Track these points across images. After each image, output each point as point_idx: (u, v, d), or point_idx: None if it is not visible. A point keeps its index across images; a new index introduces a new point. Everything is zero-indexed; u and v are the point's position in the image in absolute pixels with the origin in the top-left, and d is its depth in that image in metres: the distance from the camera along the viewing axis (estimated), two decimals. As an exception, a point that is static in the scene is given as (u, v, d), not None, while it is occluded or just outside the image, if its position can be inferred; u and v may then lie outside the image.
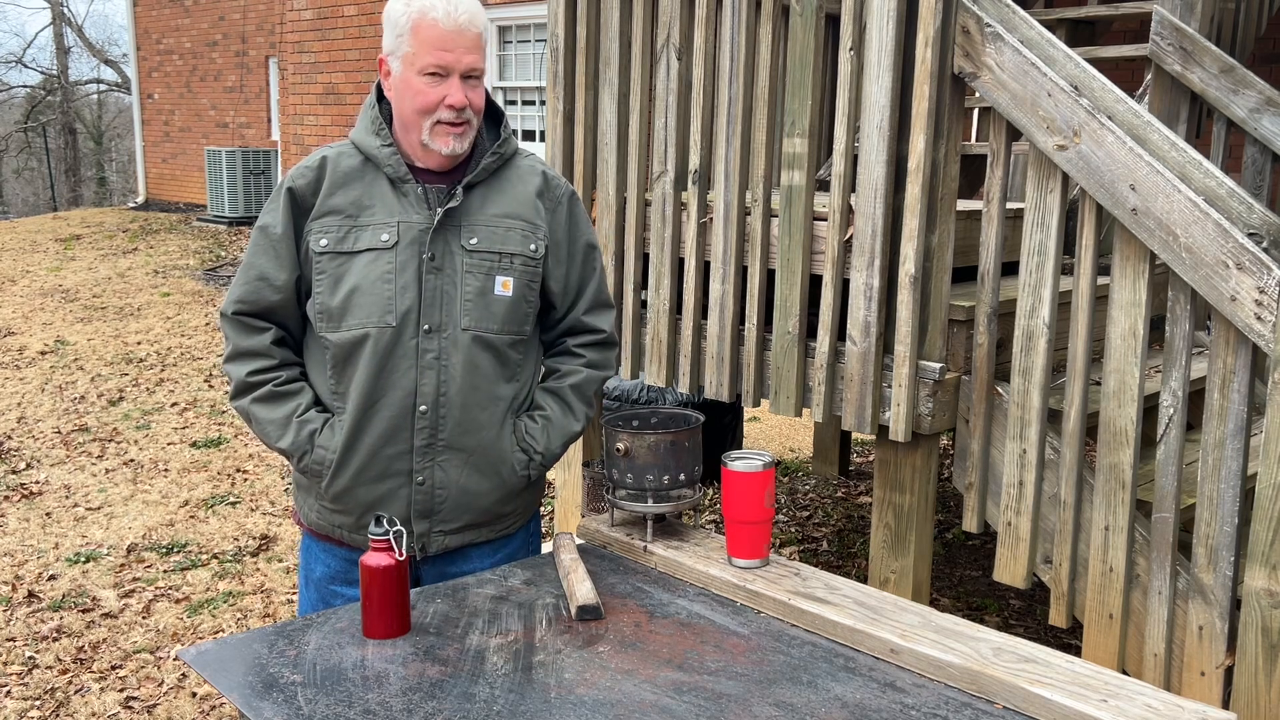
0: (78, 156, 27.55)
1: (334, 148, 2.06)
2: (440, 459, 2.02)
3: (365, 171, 2.02)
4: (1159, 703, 1.57)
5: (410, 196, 2.01)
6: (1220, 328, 2.33)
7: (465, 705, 1.57)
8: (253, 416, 2.03)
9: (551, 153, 3.67)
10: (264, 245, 2.02)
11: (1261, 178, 3.38)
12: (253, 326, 2.03)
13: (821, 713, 1.57)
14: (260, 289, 2.02)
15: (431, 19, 1.91)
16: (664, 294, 3.39)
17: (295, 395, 2.03)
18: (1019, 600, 4.20)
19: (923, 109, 2.72)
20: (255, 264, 2.02)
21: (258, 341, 2.03)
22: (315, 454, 2.01)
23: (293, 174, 2.03)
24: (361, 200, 2.00)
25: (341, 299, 1.98)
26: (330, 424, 2.02)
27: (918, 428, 2.87)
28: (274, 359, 2.03)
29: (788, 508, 5.23)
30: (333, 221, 2.00)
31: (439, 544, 2.07)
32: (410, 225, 1.99)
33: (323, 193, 2.00)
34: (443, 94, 1.93)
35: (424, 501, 2.04)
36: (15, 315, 9.22)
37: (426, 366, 1.99)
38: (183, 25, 15.80)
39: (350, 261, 1.98)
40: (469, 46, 1.94)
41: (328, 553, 2.13)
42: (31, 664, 3.66)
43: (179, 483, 5.46)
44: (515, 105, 9.97)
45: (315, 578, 2.15)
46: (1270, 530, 2.25)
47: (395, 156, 2.00)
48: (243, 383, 2.03)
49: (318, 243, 1.99)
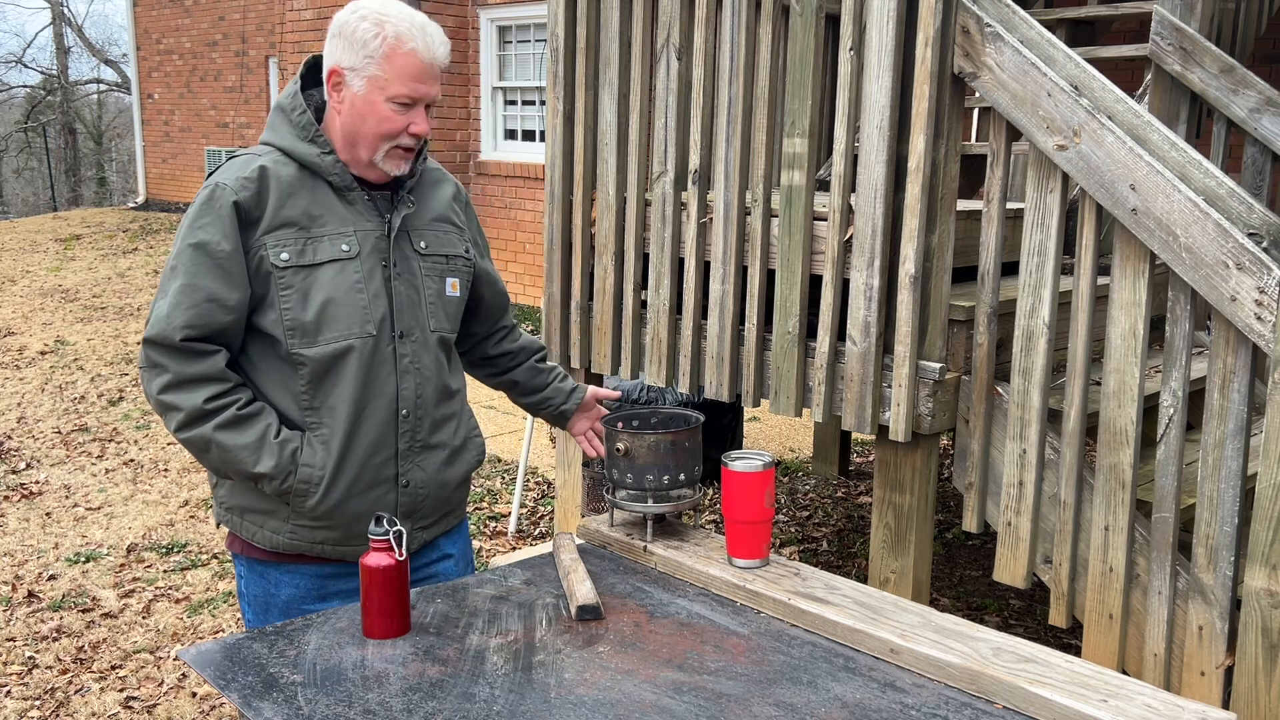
0: (78, 156, 27.55)
1: (265, 155, 1.95)
2: (419, 459, 2.05)
3: (304, 180, 1.95)
4: (1159, 703, 1.57)
5: (358, 204, 1.98)
6: (1220, 328, 2.33)
7: (465, 705, 1.57)
8: (216, 444, 1.88)
9: (551, 153, 3.67)
10: (206, 264, 1.88)
11: (1261, 178, 3.38)
12: (201, 351, 1.89)
13: (821, 713, 1.57)
14: (211, 311, 1.88)
15: (409, 49, 1.89)
16: (664, 294, 3.39)
17: (260, 416, 1.92)
18: (1019, 600, 4.20)
19: (923, 109, 2.72)
20: (200, 285, 1.87)
21: (209, 366, 1.89)
22: (301, 473, 1.93)
23: (231, 186, 1.89)
24: (310, 210, 1.94)
25: (315, 312, 1.92)
26: (308, 441, 1.95)
27: (918, 428, 2.87)
28: (229, 382, 1.91)
29: (788, 508, 5.23)
30: (288, 234, 1.92)
31: (418, 540, 2.09)
32: (367, 234, 1.98)
33: (271, 205, 1.91)
34: (408, 122, 1.93)
35: (408, 503, 2.05)
36: (15, 315, 9.22)
37: (404, 371, 2.00)
38: (183, 25, 15.80)
39: (314, 274, 1.92)
40: (436, 78, 1.96)
41: (294, 574, 2.04)
42: (31, 664, 3.66)
43: (179, 483, 5.46)
44: (515, 105, 9.97)
45: (280, 602, 2.05)
46: (1270, 530, 2.25)
47: (339, 165, 1.96)
48: (198, 410, 1.88)
49: (278, 256, 1.90)
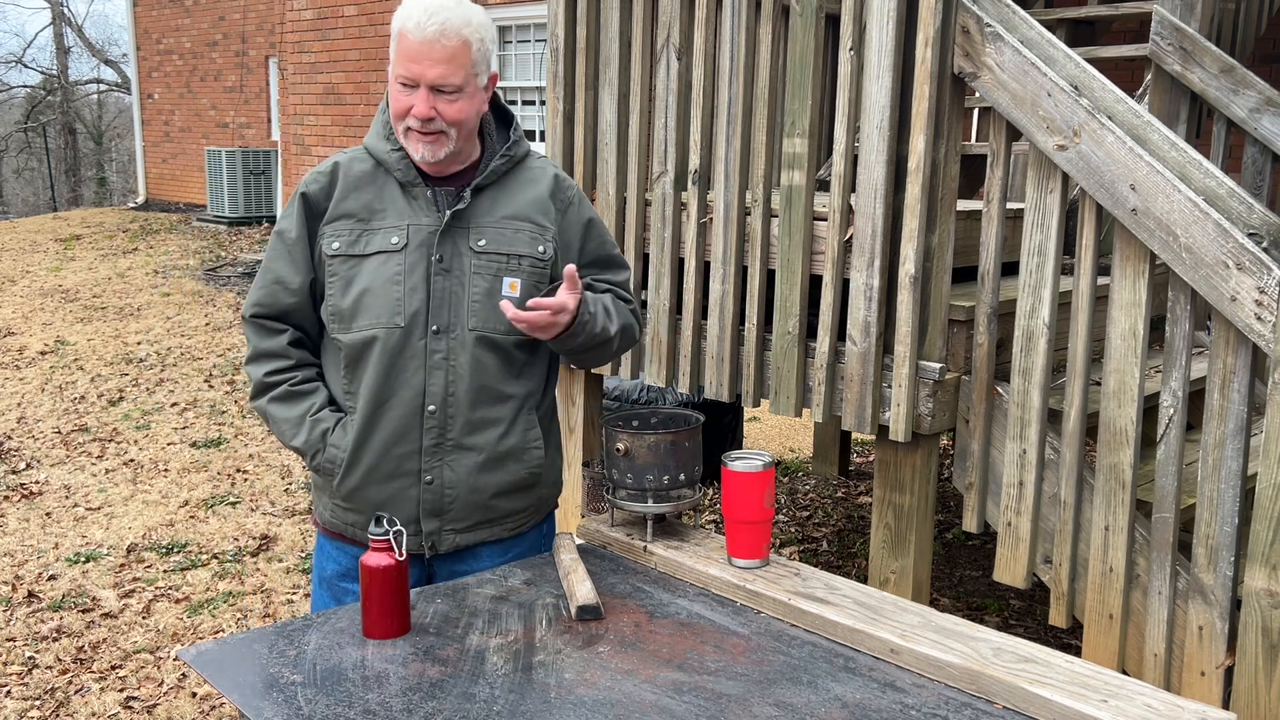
0: (78, 156, 27.55)
1: (347, 153, 2.11)
2: (449, 459, 2.04)
3: (376, 176, 2.06)
4: (1159, 703, 1.57)
5: (420, 200, 2.04)
6: (1220, 328, 2.33)
7: (465, 705, 1.57)
8: (269, 416, 2.08)
9: (551, 153, 3.67)
10: (280, 250, 2.07)
11: (1261, 178, 3.38)
12: (270, 329, 2.09)
13: (821, 713, 1.57)
14: (276, 292, 2.07)
15: (403, 30, 1.95)
16: (664, 294, 3.39)
17: (310, 395, 2.07)
18: (1019, 600, 4.20)
19: (923, 109, 2.72)
20: (272, 268, 2.08)
21: (275, 343, 2.08)
22: (327, 452, 2.04)
23: (307, 180, 2.08)
24: (373, 204, 2.04)
25: (352, 301, 2.02)
26: (343, 423, 2.05)
27: (918, 428, 2.87)
28: (290, 359, 2.08)
29: (788, 508, 5.23)
30: (344, 225, 2.04)
31: (450, 542, 2.08)
32: (420, 228, 2.02)
33: (335, 197, 2.05)
34: (410, 103, 1.96)
35: (433, 501, 2.04)
36: (15, 315, 9.22)
37: (435, 367, 2.01)
38: (183, 25, 15.80)
39: (361, 264, 2.02)
40: (437, 59, 1.93)
41: (339, 550, 2.15)
42: (31, 664, 3.66)
43: (179, 483, 5.46)
44: (515, 105, 9.97)
45: (327, 575, 2.18)
46: (1270, 530, 2.25)
47: (404, 161, 2.03)
48: (261, 383, 2.08)
49: (330, 246, 2.03)
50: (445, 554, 2.09)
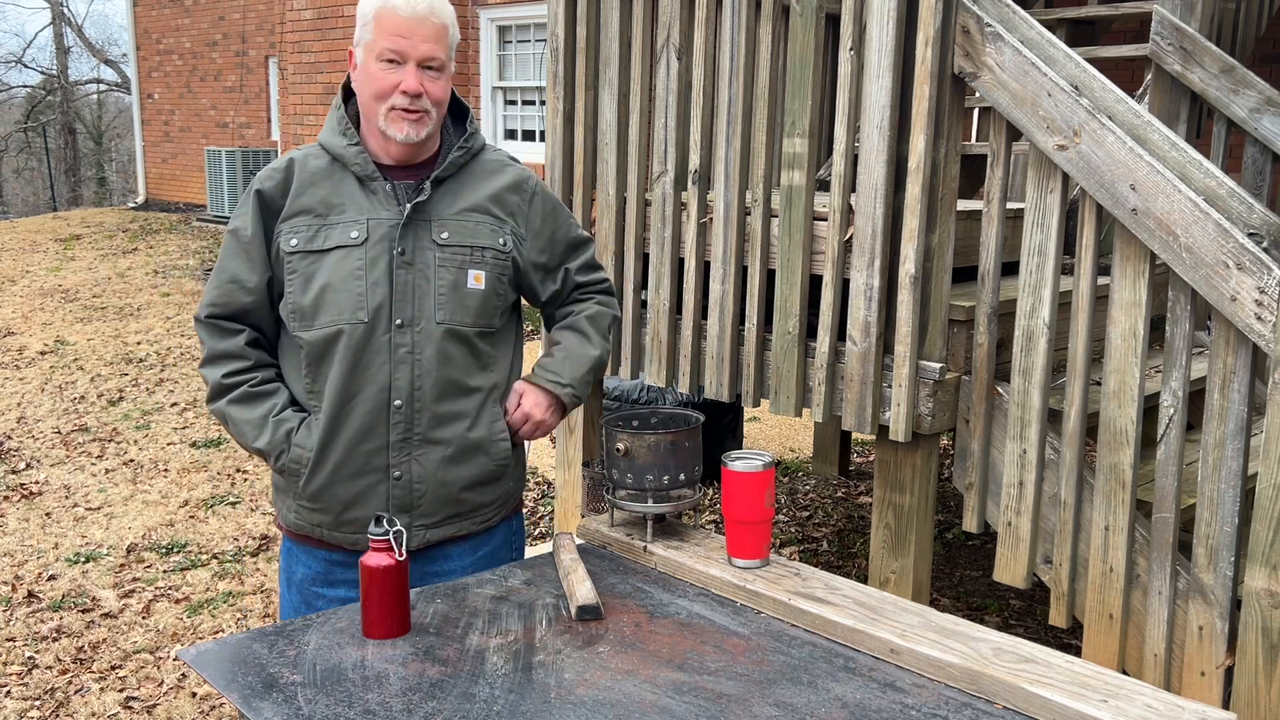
0: (78, 156, 27.54)
1: (302, 150, 2.09)
2: (417, 453, 2.03)
3: (333, 171, 2.04)
4: (1159, 703, 1.57)
5: (379, 194, 2.03)
6: (1220, 328, 2.33)
7: (465, 705, 1.57)
8: (229, 418, 2.04)
9: (551, 153, 3.67)
10: (235, 248, 2.04)
11: (1261, 178, 3.38)
12: (226, 329, 2.05)
13: (821, 713, 1.57)
14: (232, 291, 2.04)
15: (391, 7, 1.96)
16: (664, 294, 3.39)
17: (270, 395, 2.04)
18: (1019, 600, 4.20)
19: (923, 109, 2.72)
20: (227, 267, 2.04)
21: (232, 344, 2.04)
22: (292, 453, 2.02)
23: (261, 176, 2.06)
24: (330, 199, 2.02)
25: (313, 297, 2.00)
26: (307, 423, 2.03)
27: (918, 428, 2.87)
28: (249, 360, 2.05)
29: (788, 508, 5.23)
30: (302, 221, 2.02)
31: (420, 538, 2.07)
32: (380, 221, 2.01)
33: (291, 193, 2.02)
34: (397, 80, 1.96)
35: (402, 496, 2.04)
36: (15, 315, 9.22)
37: (400, 361, 2.00)
38: (183, 25, 15.79)
39: (321, 260, 2.00)
40: (427, 36, 1.97)
41: (308, 554, 2.12)
42: (31, 664, 3.66)
43: (179, 483, 5.46)
44: (515, 105, 9.97)
45: (296, 580, 2.15)
46: (1270, 530, 2.25)
47: (362, 155, 2.03)
48: (218, 385, 2.04)
49: (288, 243, 2.01)
50: (415, 551, 2.07)
